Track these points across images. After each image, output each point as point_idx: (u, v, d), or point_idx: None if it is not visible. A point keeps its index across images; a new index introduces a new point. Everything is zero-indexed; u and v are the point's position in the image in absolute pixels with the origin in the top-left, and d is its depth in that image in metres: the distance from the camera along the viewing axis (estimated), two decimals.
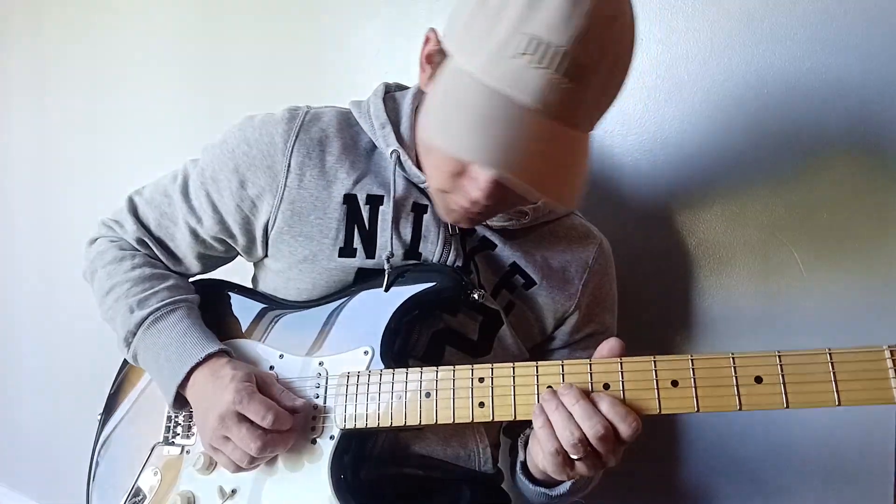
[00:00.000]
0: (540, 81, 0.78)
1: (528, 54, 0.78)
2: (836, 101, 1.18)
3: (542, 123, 0.81)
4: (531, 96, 0.79)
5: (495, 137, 0.80)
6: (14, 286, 2.95)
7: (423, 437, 1.07)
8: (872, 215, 1.16)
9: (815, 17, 1.19)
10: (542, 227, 1.11)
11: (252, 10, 2.04)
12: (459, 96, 0.83)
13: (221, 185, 1.08)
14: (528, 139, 0.81)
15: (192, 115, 2.22)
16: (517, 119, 0.80)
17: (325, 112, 1.09)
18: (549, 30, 0.77)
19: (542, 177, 0.82)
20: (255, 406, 0.94)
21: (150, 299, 1.07)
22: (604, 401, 0.84)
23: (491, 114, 0.80)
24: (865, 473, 1.19)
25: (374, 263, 1.04)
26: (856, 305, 1.18)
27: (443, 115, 0.85)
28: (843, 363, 0.80)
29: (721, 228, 1.30)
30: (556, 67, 0.78)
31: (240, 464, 0.97)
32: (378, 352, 1.00)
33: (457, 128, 0.82)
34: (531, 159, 0.81)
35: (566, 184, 0.85)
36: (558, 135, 0.82)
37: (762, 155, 1.25)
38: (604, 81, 0.82)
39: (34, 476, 2.90)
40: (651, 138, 1.36)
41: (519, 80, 0.79)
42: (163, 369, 1.04)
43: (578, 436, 0.82)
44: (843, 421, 1.19)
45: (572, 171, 0.85)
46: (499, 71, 0.80)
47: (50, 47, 2.73)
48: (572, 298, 1.11)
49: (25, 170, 2.87)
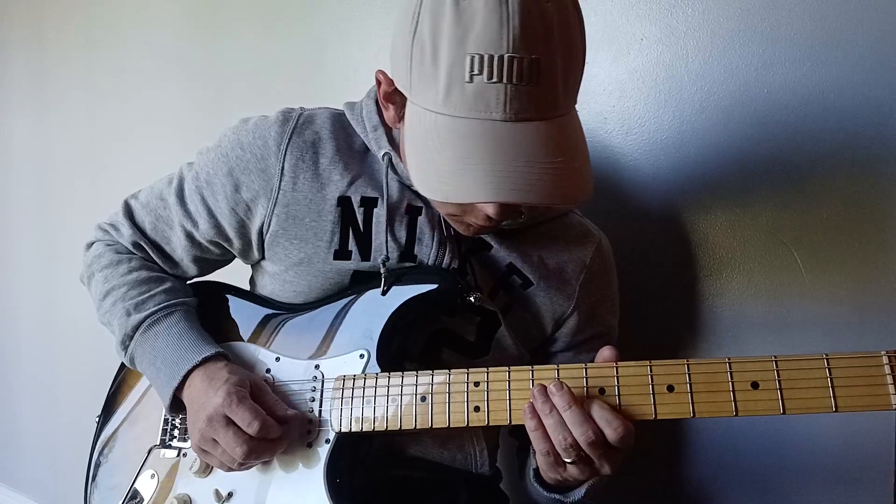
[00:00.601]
0: (500, 94, 0.79)
1: (478, 73, 0.78)
2: (836, 100, 1.17)
3: (522, 128, 0.81)
4: (499, 111, 0.79)
5: (484, 167, 0.80)
6: (14, 287, 2.96)
7: (419, 439, 1.07)
8: (872, 215, 1.15)
9: (816, 16, 1.18)
10: (539, 226, 1.10)
11: (252, 11, 2.04)
12: (431, 138, 0.83)
13: (216, 189, 1.07)
14: (515, 150, 0.80)
15: (193, 117, 2.22)
16: (496, 137, 0.80)
17: (319, 114, 1.08)
18: (487, 43, 0.78)
19: (544, 186, 0.81)
20: (242, 412, 0.93)
21: (147, 303, 1.07)
22: (594, 406, 0.84)
23: (471, 143, 0.81)
24: (865, 473, 1.18)
25: (369, 266, 1.04)
26: (856, 305, 1.17)
27: (428, 167, 0.85)
28: (840, 368, 0.79)
29: (721, 229, 1.29)
30: (508, 76, 0.78)
31: (228, 465, 0.97)
32: (374, 355, 0.99)
33: (446, 175, 0.82)
34: (528, 172, 0.80)
35: (571, 177, 0.83)
36: (542, 131, 0.82)
37: (762, 155, 1.24)
38: (562, 62, 0.82)
39: (34, 476, 2.91)
40: (651, 138, 1.35)
41: (481, 101, 0.80)
42: (160, 372, 1.03)
43: (570, 441, 0.83)
44: (843, 421, 1.19)
45: (574, 156, 0.84)
46: (459, 100, 0.81)
47: (50, 48, 2.73)
48: (570, 299, 1.10)
49: (25, 170, 2.88)
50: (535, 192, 0.80)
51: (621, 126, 1.39)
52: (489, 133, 0.80)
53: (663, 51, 1.33)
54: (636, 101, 1.37)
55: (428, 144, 0.84)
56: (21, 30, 2.85)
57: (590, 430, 0.82)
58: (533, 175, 0.80)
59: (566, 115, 0.86)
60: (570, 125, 0.86)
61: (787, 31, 1.21)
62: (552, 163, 0.81)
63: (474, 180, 0.80)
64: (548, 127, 0.82)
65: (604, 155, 1.41)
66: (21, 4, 2.84)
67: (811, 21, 1.19)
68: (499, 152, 0.80)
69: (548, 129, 0.82)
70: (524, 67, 0.78)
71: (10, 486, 3.02)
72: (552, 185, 0.81)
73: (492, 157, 0.80)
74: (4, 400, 3.04)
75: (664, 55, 1.33)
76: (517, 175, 0.80)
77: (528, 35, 0.78)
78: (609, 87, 1.40)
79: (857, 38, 1.15)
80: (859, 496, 1.19)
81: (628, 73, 1.37)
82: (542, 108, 0.81)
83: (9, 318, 2.99)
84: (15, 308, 2.96)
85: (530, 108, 0.80)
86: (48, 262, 2.77)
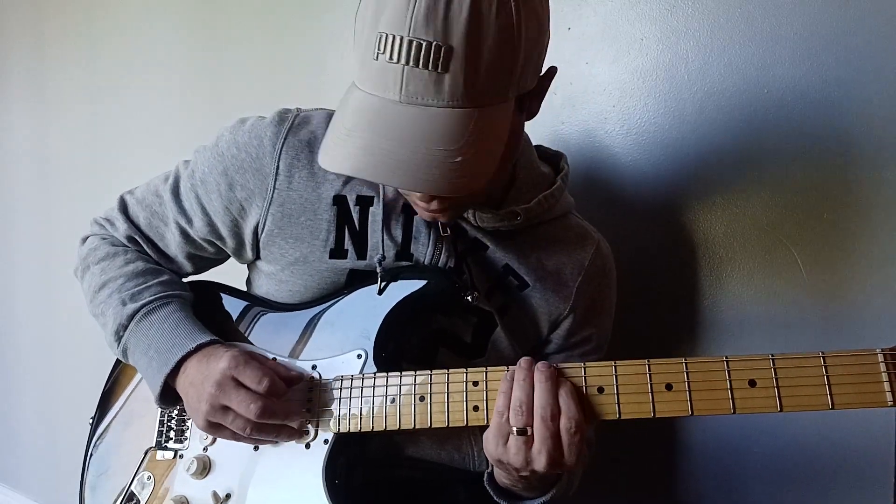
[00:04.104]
0: (398, 75, 0.79)
1: (382, 52, 0.80)
2: (836, 100, 1.17)
3: (413, 112, 0.81)
4: (395, 92, 0.80)
5: (360, 142, 0.81)
6: (14, 286, 2.96)
7: (417, 439, 1.07)
8: (872, 215, 1.15)
9: (815, 16, 1.18)
10: (537, 227, 1.10)
11: (251, 12, 2.04)
12: (342, 108, 0.86)
13: (210, 188, 1.08)
14: (395, 132, 0.80)
15: (192, 116, 2.23)
16: (384, 116, 0.81)
17: (315, 114, 1.08)
18: (393, 24, 0.79)
19: (409, 171, 0.80)
20: (250, 371, 0.94)
21: (143, 293, 1.07)
22: (564, 388, 0.85)
23: (361, 117, 0.82)
24: (865, 473, 1.18)
25: (365, 265, 1.04)
26: (856, 306, 1.17)
27: (334, 131, 0.86)
28: (836, 366, 0.80)
29: (721, 228, 1.29)
30: (406, 58, 0.78)
31: (241, 432, 0.96)
32: (371, 355, 0.99)
33: (330, 143, 0.85)
34: (397, 154, 0.80)
35: (445, 168, 0.80)
36: (435, 119, 0.81)
37: (762, 155, 1.24)
38: (470, 51, 0.79)
39: (34, 476, 2.91)
40: (651, 138, 1.35)
41: (381, 80, 0.81)
42: (153, 361, 1.02)
43: (528, 405, 0.85)
44: (843, 421, 1.19)
45: (464, 150, 0.81)
46: (367, 75, 0.83)
47: (50, 48, 2.74)
48: (567, 301, 1.09)
49: (25, 170, 2.89)
50: (392, 174, 0.80)
51: (621, 126, 1.39)
52: (380, 111, 0.81)
53: (663, 51, 1.33)
54: (636, 101, 1.37)
55: (339, 111, 0.86)
56: (21, 29, 2.85)
57: (550, 405, 0.84)
58: (402, 158, 0.80)
59: (480, 108, 0.82)
60: (481, 117, 0.82)
61: (787, 31, 1.21)
62: (430, 150, 0.80)
63: (346, 152, 0.82)
64: (444, 114, 0.81)
65: (604, 155, 1.41)
66: (21, 4, 2.85)
67: (811, 21, 1.19)
68: (378, 129, 0.81)
69: (442, 117, 0.81)
70: (423, 51, 0.78)
71: (10, 486, 3.03)
72: (417, 172, 0.80)
73: (371, 133, 0.81)
74: (4, 400, 3.05)
75: (664, 55, 1.33)
76: (384, 155, 0.80)
77: (430, 19, 0.78)
78: (609, 87, 1.40)
79: (857, 38, 1.15)
80: (859, 496, 1.19)
81: (628, 73, 1.37)
82: (441, 95, 0.80)
83: (9, 317, 2.99)
84: (15, 308, 2.97)
85: (427, 92, 0.80)
86: (48, 261, 2.77)
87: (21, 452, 2.96)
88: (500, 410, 0.87)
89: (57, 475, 2.75)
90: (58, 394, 2.76)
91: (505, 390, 0.87)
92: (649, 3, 1.34)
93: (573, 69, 1.43)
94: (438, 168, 0.80)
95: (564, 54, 1.43)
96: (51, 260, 2.76)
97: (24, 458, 2.95)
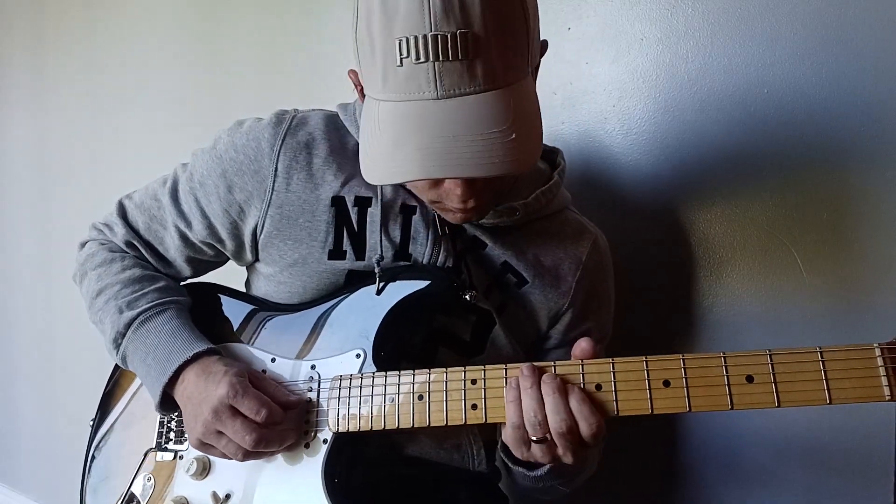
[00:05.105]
0: (429, 73, 0.80)
1: (406, 56, 0.80)
2: (835, 100, 1.17)
3: (455, 104, 0.81)
4: (431, 90, 0.81)
5: (413, 146, 0.81)
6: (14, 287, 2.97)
7: (417, 438, 1.07)
8: (872, 215, 1.15)
9: (815, 16, 1.18)
10: (535, 223, 1.10)
11: (251, 12, 2.05)
12: (373, 125, 0.85)
13: (209, 190, 1.08)
14: (445, 126, 0.81)
15: (191, 118, 2.23)
16: (427, 116, 0.81)
17: (313, 115, 1.09)
18: (411, 26, 0.79)
19: (472, 159, 0.81)
20: (249, 401, 0.94)
21: (139, 300, 1.07)
22: (574, 398, 0.85)
23: (404, 124, 0.82)
24: (866, 472, 1.18)
25: (363, 265, 1.04)
26: (856, 306, 1.17)
27: (368, 152, 0.87)
28: (833, 361, 0.80)
29: (721, 228, 1.29)
30: (434, 54, 0.79)
31: (233, 457, 0.97)
32: (370, 355, 0.99)
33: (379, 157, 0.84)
34: (455, 147, 0.81)
35: (504, 149, 0.82)
36: (477, 104, 0.82)
37: (762, 155, 1.24)
38: (493, 31, 0.81)
39: (34, 476, 2.91)
40: (651, 138, 1.35)
41: (413, 83, 0.81)
42: (151, 369, 1.03)
43: (540, 418, 0.85)
44: (843, 419, 1.19)
45: (514, 127, 0.83)
46: (394, 84, 0.82)
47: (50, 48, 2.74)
48: (565, 296, 1.10)
49: (25, 170, 2.89)
50: (462, 165, 0.81)
51: (621, 126, 1.39)
52: (422, 113, 0.82)
53: (663, 51, 1.33)
54: (636, 101, 1.37)
55: (371, 131, 0.86)
56: (21, 29, 2.86)
57: (564, 420, 0.84)
58: (460, 149, 0.80)
59: (511, 86, 0.85)
60: (515, 95, 0.85)
61: (787, 31, 1.21)
62: (483, 135, 0.81)
63: (403, 159, 0.82)
64: (484, 99, 0.82)
65: (604, 155, 1.41)
66: (21, 5, 2.85)
67: (811, 21, 1.19)
68: (427, 129, 0.81)
69: (484, 101, 0.82)
70: (449, 43, 0.79)
71: (10, 486, 3.03)
72: (482, 158, 0.81)
73: (420, 135, 0.81)
74: (4, 400, 3.05)
75: (664, 55, 1.33)
76: (444, 150, 0.80)
77: (448, 10, 0.79)
78: (609, 87, 1.40)
79: (857, 38, 1.15)
80: (859, 495, 1.19)
81: (628, 73, 1.37)
82: (476, 81, 0.81)
83: (8, 318, 3.00)
84: (14, 308, 2.97)
85: (462, 82, 0.81)
86: (47, 262, 2.77)
87: (21, 452, 2.96)
88: (516, 423, 0.87)
89: (57, 475, 2.75)
90: (58, 394, 2.76)
91: (513, 399, 0.87)
92: (649, 3, 1.34)
93: (573, 69, 1.43)
94: (498, 150, 0.81)
95: (564, 54, 1.44)
96: (50, 260, 2.76)
97: (24, 458, 2.95)
